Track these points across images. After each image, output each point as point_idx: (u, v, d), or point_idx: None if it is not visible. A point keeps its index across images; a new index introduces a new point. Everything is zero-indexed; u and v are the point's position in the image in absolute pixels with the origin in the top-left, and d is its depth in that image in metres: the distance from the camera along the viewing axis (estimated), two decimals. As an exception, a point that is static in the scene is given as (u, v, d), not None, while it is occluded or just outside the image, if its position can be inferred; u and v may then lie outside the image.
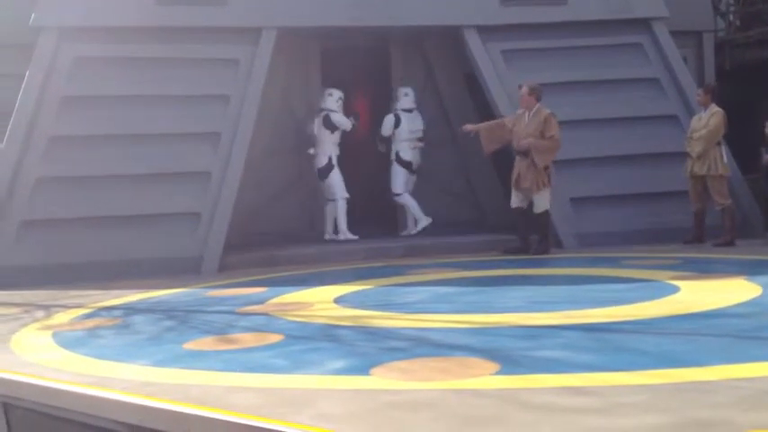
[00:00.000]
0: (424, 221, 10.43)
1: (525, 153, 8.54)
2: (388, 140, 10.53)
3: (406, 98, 10.55)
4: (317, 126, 10.19)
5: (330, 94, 10.28)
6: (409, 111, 10.52)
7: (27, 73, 8.94)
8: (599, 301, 5.32)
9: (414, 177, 10.61)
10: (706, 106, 8.87)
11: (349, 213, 10.21)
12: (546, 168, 8.58)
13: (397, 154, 10.48)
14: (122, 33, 9.24)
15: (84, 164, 8.86)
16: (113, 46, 9.22)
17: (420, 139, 10.55)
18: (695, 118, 9.02)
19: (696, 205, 8.86)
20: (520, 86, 8.85)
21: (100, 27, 9.18)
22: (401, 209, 10.83)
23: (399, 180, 10.52)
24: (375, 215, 11.26)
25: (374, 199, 11.18)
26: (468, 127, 9.08)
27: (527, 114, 8.73)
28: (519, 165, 8.66)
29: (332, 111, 10.18)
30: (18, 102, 8.83)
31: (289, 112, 10.90)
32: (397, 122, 10.42)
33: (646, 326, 4.44)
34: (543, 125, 8.54)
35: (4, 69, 9.91)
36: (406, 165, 10.50)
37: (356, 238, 10.07)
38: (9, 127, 8.75)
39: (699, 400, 2.91)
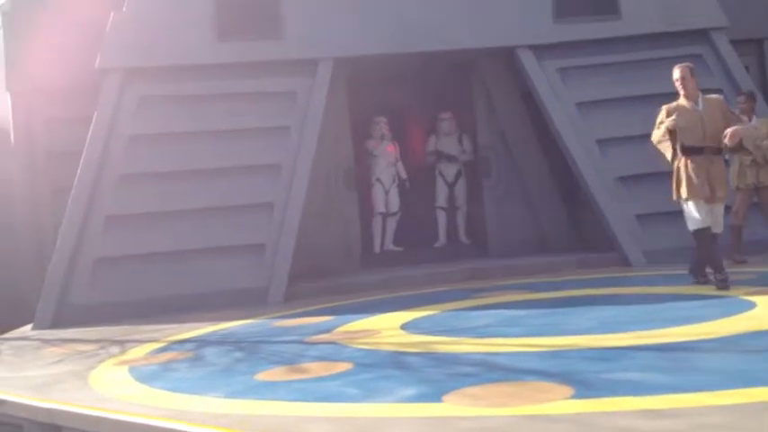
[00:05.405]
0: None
1: (734, 149, 6.73)
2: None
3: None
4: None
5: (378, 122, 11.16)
6: None
7: (95, 114, 9.23)
8: (673, 319, 5.20)
9: None
10: (749, 115, 8.50)
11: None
12: None
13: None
14: (184, 71, 9.49)
15: (152, 200, 9.08)
16: (176, 85, 9.48)
17: None
18: (751, 126, 8.25)
19: (744, 220, 8.38)
20: (682, 78, 6.58)
21: (163, 66, 9.45)
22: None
23: None
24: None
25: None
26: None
27: (693, 104, 6.57)
28: (709, 167, 6.47)
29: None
30: (87, 142, 9.12)
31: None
32: None
33: (723, 344, 4.32)
34: (727, 112, 6.71)
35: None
36: None
37: None
38: (80, 167, 9.03)
39: (785, 421, 2.81)
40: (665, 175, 9.42)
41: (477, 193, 11.09)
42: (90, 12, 10.11)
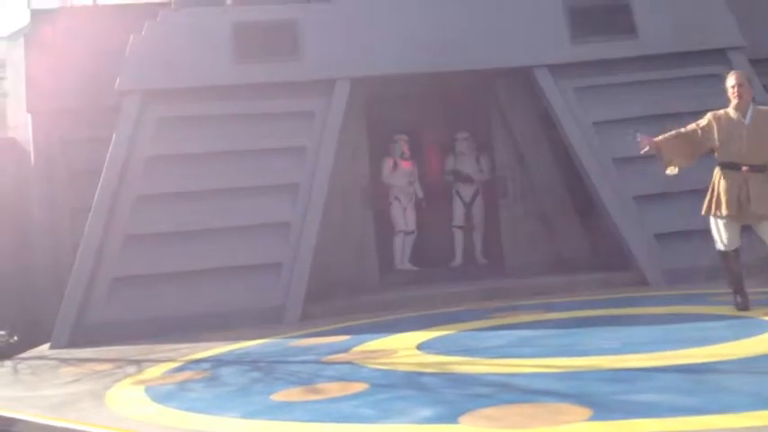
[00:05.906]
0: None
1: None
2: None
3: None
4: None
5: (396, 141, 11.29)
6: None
7: (114, 134, 9.32)
8: (692, 340, 5.14)
9: None
10: None
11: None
12: None
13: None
14: (202, 93, 9.57)
15: (170, 220, 9.13)
16: (194, 106, 9.56)
17: None
18: None
19: None
20: (738, 85, 6.22)
21: (181, 88, 9.53)
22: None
23: None
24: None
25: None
26: (645, 142, 6.55)
27: (741, 115, 6.18)
28: (742, 183, 6.08)
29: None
30: (106, 162, 9.20)
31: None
32: None
33: (743, 365, 4.26)
34: None
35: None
36: None
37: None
38: (99, 187, 9.11)
39: (808, 444, 2.77)
40: (683, 195, 9.42)
41: (493, 212, 11.08)
42: (110, 34, 10.25)
